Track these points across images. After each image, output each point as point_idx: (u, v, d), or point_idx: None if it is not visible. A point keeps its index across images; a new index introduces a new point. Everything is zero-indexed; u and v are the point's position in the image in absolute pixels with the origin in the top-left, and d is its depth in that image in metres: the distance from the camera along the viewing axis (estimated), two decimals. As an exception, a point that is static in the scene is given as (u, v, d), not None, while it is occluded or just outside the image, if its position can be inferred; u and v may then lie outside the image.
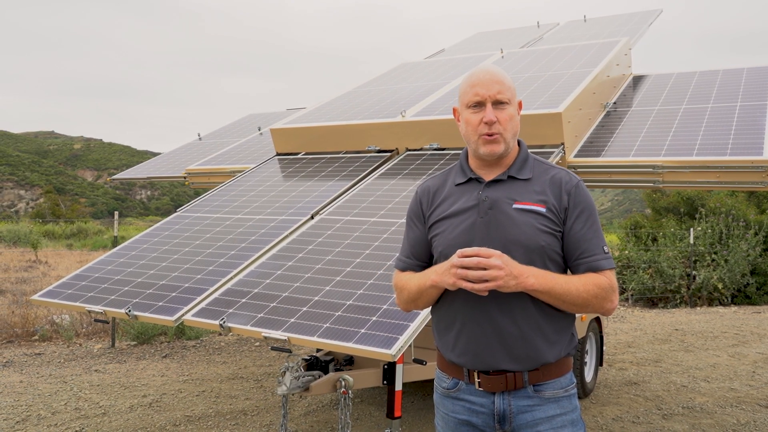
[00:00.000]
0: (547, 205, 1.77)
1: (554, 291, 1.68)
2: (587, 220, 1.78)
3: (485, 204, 1.80)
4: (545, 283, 1.67)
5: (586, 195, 1.81)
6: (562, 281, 1.70)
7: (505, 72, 1.85)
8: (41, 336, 7.45)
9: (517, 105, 1.87)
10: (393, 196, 4.24)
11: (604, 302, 1.74)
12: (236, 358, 6.68)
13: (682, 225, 13.13)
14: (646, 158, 4.25)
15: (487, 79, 1.81)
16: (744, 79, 5.37)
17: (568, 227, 1.78)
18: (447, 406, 1.89)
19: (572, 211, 1.78)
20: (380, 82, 6.39)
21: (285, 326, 2.99)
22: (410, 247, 1.96)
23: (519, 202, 1.78)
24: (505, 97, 1.80)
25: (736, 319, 9.54)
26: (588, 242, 1.76)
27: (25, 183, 77.74)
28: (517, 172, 1.84)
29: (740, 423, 4.77)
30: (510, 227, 1.75)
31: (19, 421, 4.67)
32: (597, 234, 1.78)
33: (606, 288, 1.73)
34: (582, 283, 1.71)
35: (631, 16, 8.21)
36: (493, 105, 1.80)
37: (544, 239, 1.74)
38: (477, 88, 1.81)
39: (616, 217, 51.03)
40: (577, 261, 1.77)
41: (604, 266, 1.75)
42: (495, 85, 1.80)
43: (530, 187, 1.81)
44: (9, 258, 14.79)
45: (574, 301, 1.71)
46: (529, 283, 1.65)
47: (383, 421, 4.72)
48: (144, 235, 4.51)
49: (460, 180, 1.89)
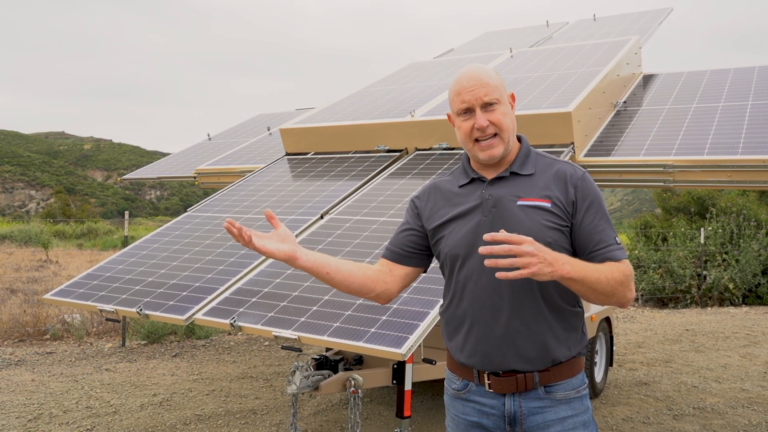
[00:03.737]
0: (552, 200, 1.74)
1: (588, 279, 1.60)
2: (597, 211, 1.75)
3: (489, 202, 1.78)
4: (579, 271, 1.59)
5: (593, 186, 1.78)
6: (593, 269, 1.63)
7: (489, 69, 1.81)
8: (52, 335, 7.51)
9: (508, 100, 1.82)
10: (402, 195, 4.24)
11: (627, 291, 1.69)
12: (246, 357, 6.71)
13: (692, 225, 13.05)
14: (657, 157, 4.23)
15: (471, 84, 1.76)
16: (755, 78, 5.33)
17: (578, 220, 1.74)
18: (457, 407, 1.87)
19: (581, 203, 1.75)
20: (389, 81, 6.39)
21: (295, 325, 3.00)
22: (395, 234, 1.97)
23: (523, 198, 1.76)
24: (492, 98, 1.75)
25: (748, 319, 9.47)
26: (601, 233, 1.73)
27: (35, 183, 78.29)
28: (519, 168, 1.81)
29: (752, 424, 4.74)
30: (515, 224, 1.72)
31: (31, 420, 4.71)
32: (608, 224, 1.75)
33: (628, 275, 1.69)
34: (609, 270, 1.66)
35: (642, 14, 8.17)
36: (482, 108, 1.76)
37: (550, 235, 1.71)
38: (463, 95, 1.77)
39: (626, 216, 50.77)
40: (592, 253, 1.72)
41: (620, 256, 1.71)
42: (480, 89, 1.75)
43: (534, 183, 1.78)
44: (20, 258, 14.89)
45: (604, 289, 1.64)
46: (565, 270, 1.55)
47: (393, 420, 4.72)
48: (154, 235, 4.53)
49: (464, 181, 1.87)
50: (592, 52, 5.80)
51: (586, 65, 5.37)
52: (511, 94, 1.86)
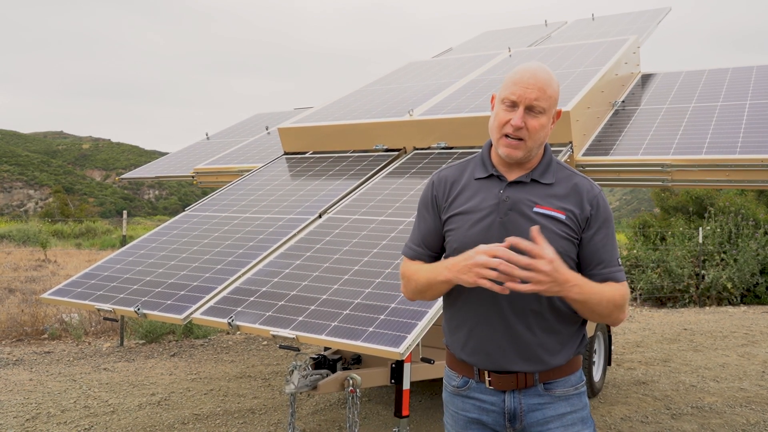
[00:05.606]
0: (567, 213, 1.75)
1: (590, 301, 1.67)
2: (608, 231, 1.79)
3: (506, 204, 1.77)
4: (584, 294, 1.65)
5: (607, 206, 1.81)
6: (597, 290, 1.68)
7: (554, 78, 1.78)
8: (50, 334, 7.50)
9: (553, 115, 1.80)
10: (400, 195, 4.24)
11: (621, 313, 1.75)
12: (244, 356, 6.70)
13: (691, 224, 13.06)
14: (655, 157, 4.23)
15: (529, 82, 1.73)
16: (753, 78, 5.33)
17: (588, 236, 1.77)
18: (456, 404, 1.88)
19: (594, 221, 1.77)
20: (388, 81, 6.39)
21: (293, 324, 3.00)
22: (421, 236, 1.92)
23: (540, 206, 1.76)
24: (540, 106, 1.73)
25: (746, 318, 9.48)
26: (607, 253, 1.77)
27: (34, 183, 78.21)
28: (540, 176, 1.81)
29: (750, 423, 4.74)
30: (528, 230, 1.71)
31: (29, 419, 4.70)
32: (615, 245, 1.80)
33: (626, 298, 1.75)
34: (611, 293, 1.71)
35: (640, 14, 8.18)
36: (526, 109, 1.74)
37: (562, 245, 1.72)
38: (516, 87, 1.74)
39: (625, 216, 50.79)
40: (594, 270, 1.76)
41: (621, 278, 1.76)
42: (534, 91, 1.72)
43: (552, 193, 1.78)
44: (18, 257, 14.88)
45: (602, 311, 1.71)
46: (574, 292, 1.63)
47: (391, 420, 4.72)
48: (152, 234, 4.53)
49: (481, 174, 1.85)
50: (590, 52, 5.80)
51: (585, 64, 5.37)
52: (558, 111, 1.83)
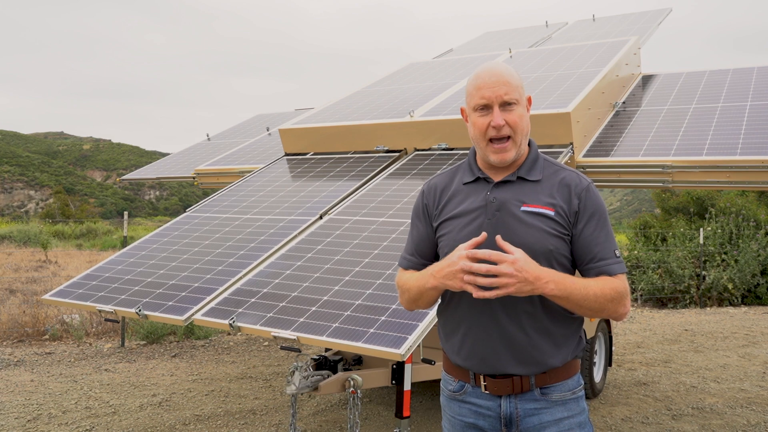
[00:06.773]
0: (555, 209, 1.73)
1: (573, 296, 1.62)
2: (598, 223, 1.74)
3: (493, 205, 1.76)
4: (564, 289, 1.61)
5: (597, 198, 1.77)
6: (581, 285, 1.64)
7: (511, 69, 1.79)
8: (52, 335, 7.50)
9: (525, 103, 1.81)
10: (401, 196, 4.24)
11: (619, 306, 1.69)
12: (245, 357, 6.71)
13: (691, 225, 13.05)
14: (656, 158, 4.24)
15: (492, 81, 1.74)
16: (754, 79, 5.33)
17: (578, 231, 1.73)
18: (453, 408, 1.87)
19: (582, 214, 1.73)
20: (388, 82, 6.39)
21: (294, 326, 3.00)
22: (414, 245, 1.92)
23: (527, 204, 1.74)
24: (512, 98, 1.74)
25: (747, 319, 9.48)
26: (600, 246, 1.72)
27: (34, 183, 78.28)
28: (526, 173, 1.79)
29: (750, 424, 4.74)
30: (518, 230, 1.71)
31: (30, 420, 4.71)
32: (609, 237, 1.74)
33: (621, 292, 1.69)
34: (600, 287, 1.66)
35: (641, 15, 8.18)
36: (500, 107, 1.74)
37: (552, 243, 1.70)
38: (483, 91, 1.75)
39: (626, 217, 50.81)
40: (588, 265, 1.73)
41: (617, 271, 1.71)
42: (501, 87, 1.73)
43: (539, 189, 1.77)
44: (19, 258, 14.89)
45: (592, 306, 1.65)
46: (548, 288, 1.59)
47: (392, 420, 4.72)
48: (154, 235, 4.53)
49: (468, 179, 1.85)
50: (591, 53, 5.80)
51: (585, 65, 5.38)
52: (528, 97, 1.84)
